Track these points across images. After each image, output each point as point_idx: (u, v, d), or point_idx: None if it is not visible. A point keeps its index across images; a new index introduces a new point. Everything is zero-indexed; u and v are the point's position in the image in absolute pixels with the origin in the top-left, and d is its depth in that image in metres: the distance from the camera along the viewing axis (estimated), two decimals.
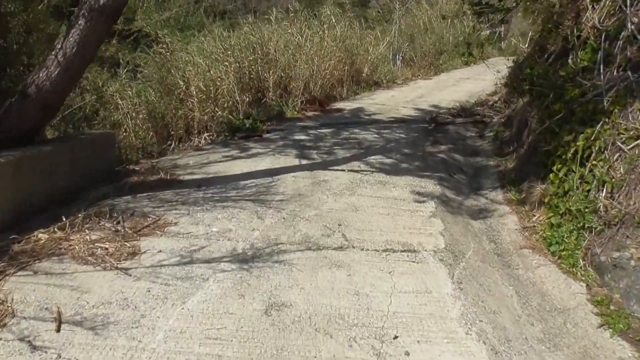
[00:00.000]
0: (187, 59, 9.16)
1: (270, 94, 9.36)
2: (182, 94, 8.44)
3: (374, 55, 13.06)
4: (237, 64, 8.98)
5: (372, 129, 7.65)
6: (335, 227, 3.94)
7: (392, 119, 8.65)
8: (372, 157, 5.98)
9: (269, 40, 9.76)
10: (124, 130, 7.59)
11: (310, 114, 9.19)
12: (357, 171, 5.42)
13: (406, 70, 15.66)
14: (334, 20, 11.61)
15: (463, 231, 4.19)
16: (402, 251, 3.57)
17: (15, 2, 4.80)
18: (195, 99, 8.28)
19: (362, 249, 3.57)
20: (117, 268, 3.10)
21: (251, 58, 9.22)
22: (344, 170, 5.45)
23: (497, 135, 6.90)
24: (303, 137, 7.03)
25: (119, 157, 5.72)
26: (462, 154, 6.45)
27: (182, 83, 8.47)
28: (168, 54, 8.93)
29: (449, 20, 23.30)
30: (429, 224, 4.13)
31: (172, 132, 8.12)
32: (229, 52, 9.05)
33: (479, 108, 8.55)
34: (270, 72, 9.44)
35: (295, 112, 9.04)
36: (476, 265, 3.56)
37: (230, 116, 8.26)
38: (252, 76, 9.19)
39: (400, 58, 16.56)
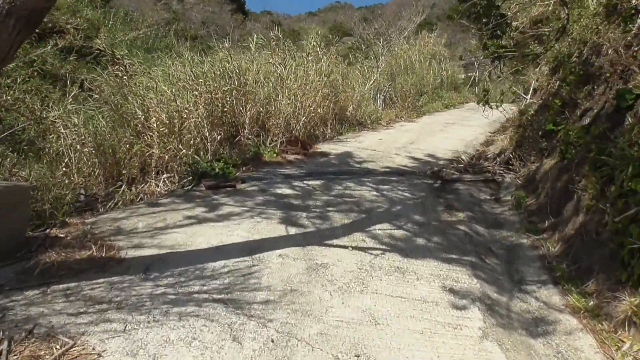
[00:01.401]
0: (149, 84, 7.77)
1: (245, 131, 8.00)
2: (139, 125, 7.01)
3: (359, 94, 11.95)
4: (209, 94, 7.63)
5: (368, 182, 6.37)
6: None
7: (387, 170, 7.42)
8: (378, 227, 4.67)
9: (247, 69, 8.46)
10: (64, 165, 6.08)
11: (291, 157, 7.87)
12: (364, 249, 4.08)
13: (390, 111, 14.64)
14: (319, 53, 10.44)
15: None
16: None
17: None
18: (156, 133, 6.88)
19: None
20: None
21: (226, 88, 7.89)
22: (346, 246, 4.11)
23: (520, 202, 5.75)
24: (287, 191, 5.68)
25: (38, 213, 4.18)
26: (483, 225, 5.22)
27: (140, 113, 7.07)
28: (125, 77, 7.51)
29: (429, 61, 22.94)
30: (484, 353, 2.81)
31: (124, 172, 6.66)
32: (200, 80, 7.68)
33: (485, 163, 7.43)
34: (247, 106, 8.12)
35: (275, 155, 7.69)
36: None
37: (196, 156, 6.85)
38: (225, 109, 7.84)
39: (382, 97, 15.61)
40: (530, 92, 9.83)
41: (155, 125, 6.96)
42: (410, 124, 13.77)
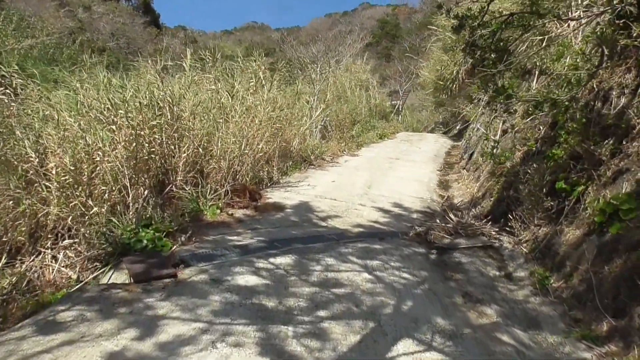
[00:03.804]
0: (47, 113, 5.83)
1: (179, 178, 6.22)
2: (31, 172, 5.08)
3: (305, 126, 10.53)
4: (132, 130, 5.78)
5: (350, 256, 4.89)
6: None
7: (362, 231, 6.01)
8: (400, 348, 3.20)
9: (181, 97, 6.70)
10: None
11: (239, 213, 6.20)
12: None
13: (331, 144, 13.38)
14: (261, 78, 8.88)
15: None
16: None
17: None
18: (55, 184, 4.99)
19: None
20: None
21: (154, 122, 6.07)
22: None
23: (544, 284, 4.57)
24: (252, 281, 4.03)
25: None
26: (518, 326, 3.94)
27: (33, 154, 5.13)
28: (13, 103, 5.54)
29: (359, 89, 22.22)
30: None
31: (5, 239, 4.76)
32: (120, 111, 5.82)
33: (475, 223, 6.24)
34: (182, 145, 6.35)
35: (219, 211, 5.97)
36: None
37: (113, 219, 5.00)
38: (153, 150, 6.01)
39: (319, 128, 14.34)
40: (498, 133, 8.96)
41: (54, 172, 5.08)
42: (354, 158, 12.60)
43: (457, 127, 23.74)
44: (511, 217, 5.95)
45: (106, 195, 5.34)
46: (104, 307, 3.39)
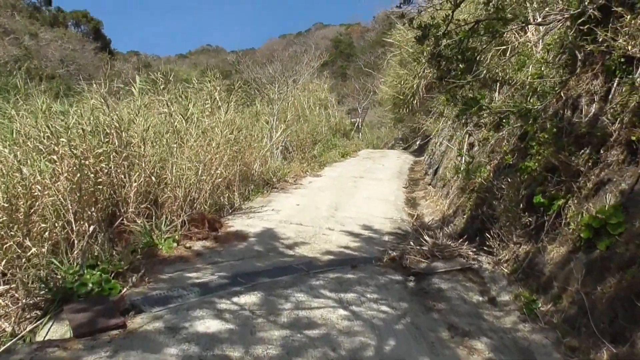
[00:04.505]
0: None
1: (130, 209, 5.66)
2: None
3: (266, 148, 10.11)
4: (76, 160, 5.22)
5: (322, 290, 4.47)
6: None
7: (332, 258, 5.60)
8: None
9: (130, 122, 6.18)
10: None
11: (198, 245, 5.68)
12: None
13: (293, 164, 12.99)
14: (217, 99, 8.43)
15: None
16: None
17: None
18: None
19: None
20: None
21: (101, 150, 5.52)
22: None
23: (531, 308, 4.27)
24: (214, 327, 3.54)
25: None
26: (511, 358, 3.60)
27: None
28: None
29: (318, 108, 22.03)
30: None
31: None
32: (62, 139, 5.26)
33: (451, 244, 5.93)
34: (133, 173, 5.81)
35: (175, 245, 5.45)
36: None
37: (55, 260, 4.43)
38: (100, 180, 5.45)
39: (280, 149, 13.96)
40: (464, 147, 8.80)
41: None
42: (318, 179, 12.24)
43: (418, 143, 23.85)
44: (488, 236, 5.68)
45: (47, 233, 4.76)
46: None
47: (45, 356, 3.00)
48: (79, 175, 5.17)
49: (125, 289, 4.18)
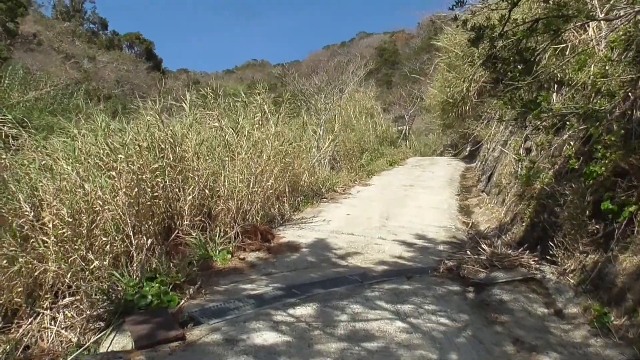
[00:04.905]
0: (43, 163, 5.46)
1: (185, 222, 5.76)
2: (26, 227, 4.68)
3: (314, 158, 10.11)
4: (133, 175, 5.37)
5: (378, 301, 4.36)
6: None
7: (386, 269, 5.49)
8: None
9: (183, 137, 6.32)
10: None
11: (252, 256, 5.71)
12: None
13: (342, 174, 12.93)
14: (267, 111, 8.49)
15: None
16: None
17: None
18: (52, 238, 4.57)
19: None
20: None
21: (156, 165, 5.66)
22: None
23: (604, 322, 3.99)
24: (271, 339, 3.50)
25: None
26: None
27: (28, 208, 4.75)
28: (4, 155, 5.19)
29: (365, 116, 21.90)
30: None
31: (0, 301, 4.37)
32: (120, 155, 5.43)
33: (511, 253, 5.68)
34: (187, 187, 5.92)
35: (229, 256, 5.49)
36: None
37: (116, 273, 4.54)
38: (156, 194, 5.59)
39: (327, 159, 13.92)
40: (521, 152, 8.46)
41: (51, 225, 4.67)
42: (367, 188, 12.10)
43: (468, 149, 23.26)
44: (551, 244, 5.40)
45: (108, 246, 4.91)
46: None
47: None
48: (136, 190, 5.31)
49: (182, 301, 4.23)
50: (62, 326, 4.40)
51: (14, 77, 13.07)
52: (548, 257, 5.40)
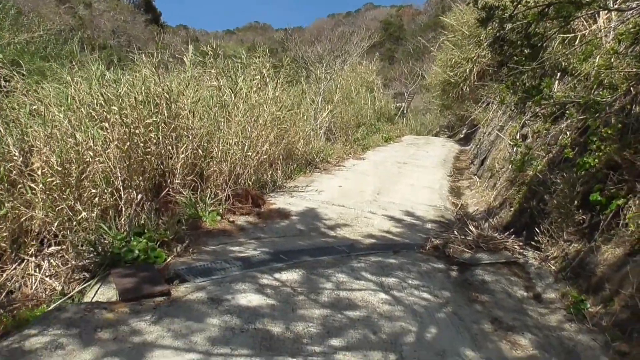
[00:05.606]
0: (34, 108, 5.37)
1: (176, 181, 5.74)
2: (14, 172, 4.63)
3: (310, 128, 10.04)
4: (126, 128, 5.31)
5: (363, 272, 4.41)
6: None
7: (373, 242, 5.53)
8: None
9: (179, 94, 6.22)
10: None
11: (241, 220, 5.72)
12: None
13: (337, 146, 12.89)
14: (266, 75, 8.38)
15: None
16: None
17: None
18: (40, 185, 4.53)
19: None
20: None
21: (150, 120, 5.59)
22: None
23: (579, 308, 4.08)
24: (255, 301, 3.54)
25: None
26: (555, 357, 3.45)
27: (16, 152, 4.68)
28: None
29: (365, 90, 21.69)
30: None
31: None
32: (114, 107, 5.35)
33: (497, 236, 5.75)
34: (180, 145, 5.87)
35: (219, 218, 5.49)
36: None
37: (103, 226, 4.53)
38: (148, 150, 5.54)
39: (323, 129, 13.84)
40: (517, 138, 8.46)
41: (40, 172, 4.62)
42: (361, 162, 12.10)
43: (464, 131, 23.25)
44: (537, 231, 5.46)
45: (96, 198, 4.88)
46: (84, 332, 2.90)
47: (93, 316, 3.07)
48: (128, 143, 5.26)
49: (170, 258, 4.25)
50: (47, 274, 4.39)
51: (5, 16, 12.69)
52: (533, 242, 5.47)
